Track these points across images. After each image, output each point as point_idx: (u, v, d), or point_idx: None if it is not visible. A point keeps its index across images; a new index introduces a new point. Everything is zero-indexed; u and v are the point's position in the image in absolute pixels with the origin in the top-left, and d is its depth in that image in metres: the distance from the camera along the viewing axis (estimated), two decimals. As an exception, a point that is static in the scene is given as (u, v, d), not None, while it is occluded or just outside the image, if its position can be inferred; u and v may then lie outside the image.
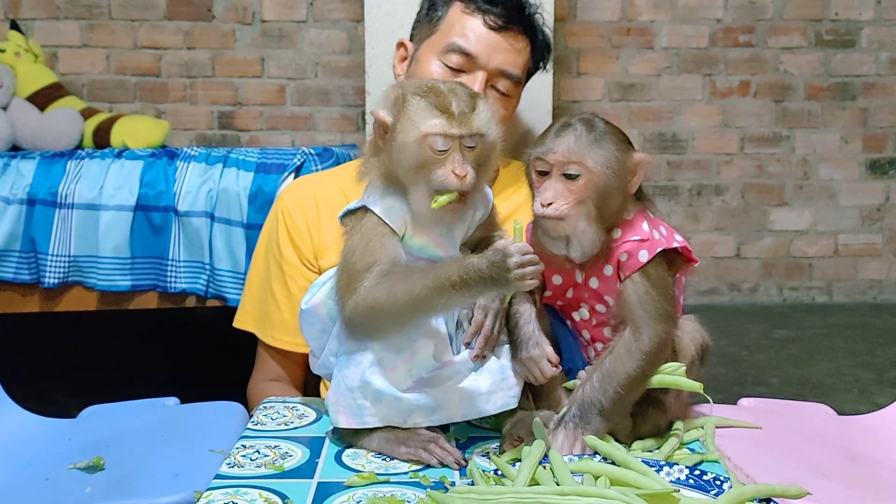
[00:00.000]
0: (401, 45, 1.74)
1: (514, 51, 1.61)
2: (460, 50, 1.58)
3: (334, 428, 1.15)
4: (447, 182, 1.08)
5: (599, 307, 1.15)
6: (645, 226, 1.13)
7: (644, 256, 1.11)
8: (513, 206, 1.61)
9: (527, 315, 1.15)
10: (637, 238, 1.12)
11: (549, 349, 1.13)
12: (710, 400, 1.16)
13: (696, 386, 1.09)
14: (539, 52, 1.70)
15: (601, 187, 1.08)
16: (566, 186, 1.09)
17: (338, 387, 1.14)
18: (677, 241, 1.14)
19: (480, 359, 1.14)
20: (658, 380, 1.10)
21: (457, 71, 1.59)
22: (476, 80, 1.58)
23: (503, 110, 1.63)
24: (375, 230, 1.11)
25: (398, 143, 1.10)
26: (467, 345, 1.15)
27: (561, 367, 1.15)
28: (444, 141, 1.08)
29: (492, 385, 1.14)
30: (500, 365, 1.15)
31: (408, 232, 1.13)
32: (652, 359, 1.10)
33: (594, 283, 1.14)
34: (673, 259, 1.15)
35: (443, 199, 1.07)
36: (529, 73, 1.72)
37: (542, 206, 1.09)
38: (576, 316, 1.19)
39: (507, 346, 1.17)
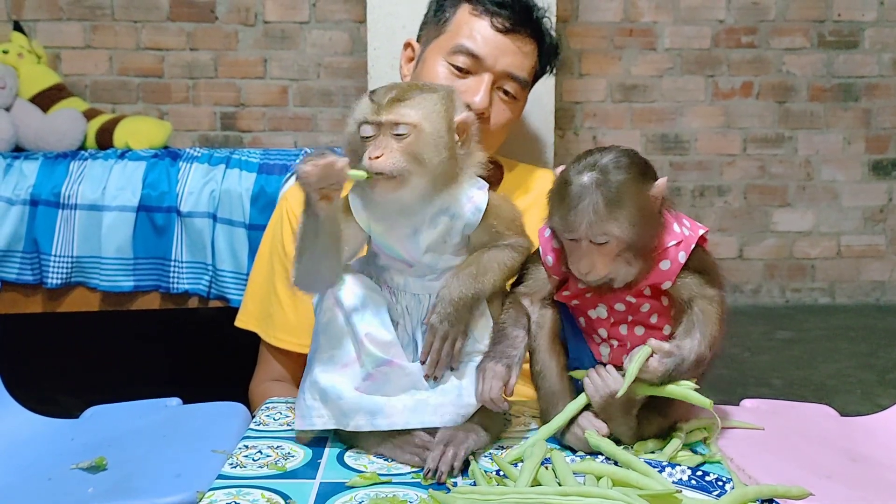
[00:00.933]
0: (408, 45, 1.74)
1: (521, 53, 1.61)
2: (467, 51, 1.58)
3: (336, 430, 1.15)
4: (363, 164, 1.08)
5: (619, 306, 1.15)
6: (676, 227, 1.14)
7: (683, 257, 1.12)
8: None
9: (518, 329, 1.15)
10: (674, 243, 1.13)
11: (513, 380, 1.12)
12: (718, 420, 1.16)
13: (706, 402, 1.08)
14: (546, 55, 1.70)
15: (632, 239, 1.09)
16: (598, 251, 1.09)
17: (301, 389, 1.15)
18: (701, 228, 1.16)
19: (433, 378, 1.13)
20: (669, 390, 1.10)
21: (463, 72, 1.59)
22: (482, 82, 1.57)
23: (509, 113, 1.63)
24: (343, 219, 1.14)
25: (344, 138, 1.14)
26: (423, 363, 1.13)
27: (508, 405, 1.13)
28: (371, 128, 1.10)
29: (442, 398, 1.12)
30: (457, 384, 1.13)
31: (372, 227, 1.14)
32: (725, 323, 1.12)
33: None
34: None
35: (353, 173, 1.07)
36: (536, 76, 1.71)
37: (583, 274, 1.10)
38: (592, 314, 1.18)
39: (471, 366, 1.14)
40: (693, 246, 1.12)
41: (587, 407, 1.14)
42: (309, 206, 1.07)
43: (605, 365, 1.16)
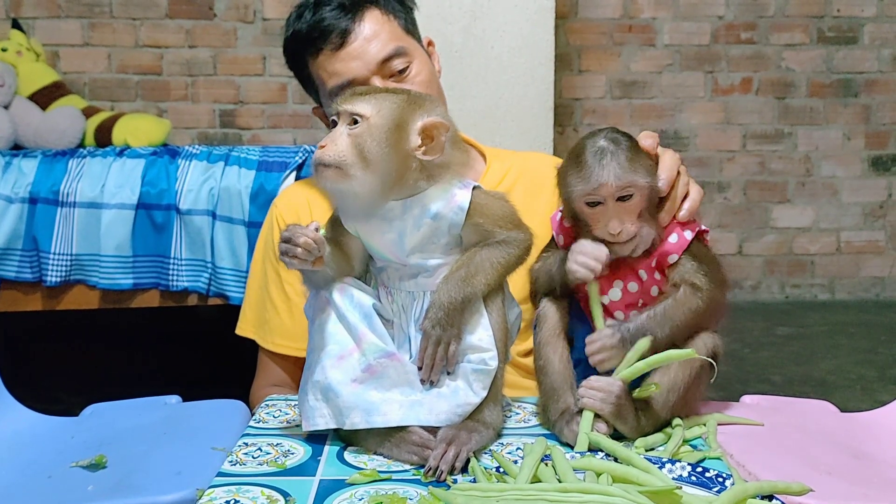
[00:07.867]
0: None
1: (371, 38, 1.55)
2: (340, 88, 1.53)
3: (336, 427, 1.15)
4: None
5: (632, 285, 1.17)
6: None
7: (689, 235, 1.17)
8: None
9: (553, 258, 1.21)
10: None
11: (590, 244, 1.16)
12: (715, 367, 1.17)
13: (689, 352, 1.10)
14: (388, 4, 1.61)
15: (650, 195, 1.15)
16: (624, 209, 1.13)
17: (301, 390, 1.15)
18: (701, 225, 1.21)
19: (429, 383, 1.12)
20: (647, 363, 1.11)
21: None
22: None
23: (417, 70, 1.57)
24: (332, 222, 1.17)
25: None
26: (420, 369, 1.12)
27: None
28: (334, 119, 1.11)
29: (438, 400, 1.11)
30: (453, 386, 1.12)
31: (359, 232, 1.14)
32: (705, 317, 1.15)
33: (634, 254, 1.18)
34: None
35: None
36: (407, 26, 1.62)
37: (613, 235, 1.13)
38: (605, 299, 1.19)
39: (466, 367, 1.13)
40: (699, 229, 1.18)
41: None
42: (306, 276, 1.14)
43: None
